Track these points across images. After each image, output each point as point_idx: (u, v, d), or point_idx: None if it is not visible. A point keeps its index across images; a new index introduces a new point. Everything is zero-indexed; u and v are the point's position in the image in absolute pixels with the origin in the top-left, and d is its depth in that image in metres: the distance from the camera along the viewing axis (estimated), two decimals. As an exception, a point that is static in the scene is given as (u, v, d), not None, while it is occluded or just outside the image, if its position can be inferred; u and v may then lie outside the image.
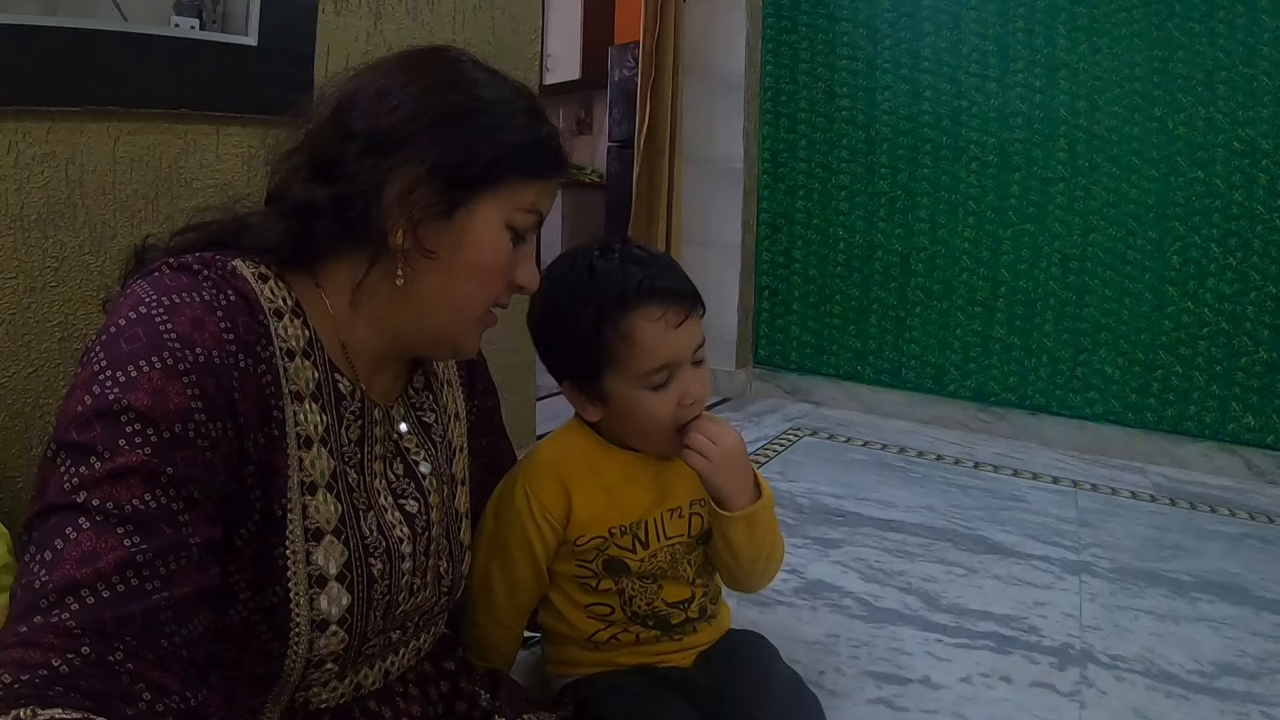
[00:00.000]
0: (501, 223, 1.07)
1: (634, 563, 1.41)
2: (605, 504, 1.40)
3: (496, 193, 1.06)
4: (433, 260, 1.04)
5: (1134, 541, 2.73)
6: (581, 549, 1.40)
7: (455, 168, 1.02)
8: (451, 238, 1.04)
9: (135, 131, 1.51)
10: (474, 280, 1.08)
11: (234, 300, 0.96)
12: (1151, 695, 1.86)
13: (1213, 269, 3.41)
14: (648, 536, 1.41)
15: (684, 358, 1.33)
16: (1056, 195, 3.65)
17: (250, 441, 0.95)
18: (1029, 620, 2.17)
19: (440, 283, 1.06)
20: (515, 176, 1.06)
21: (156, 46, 1.52)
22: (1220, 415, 3.48)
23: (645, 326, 1.31)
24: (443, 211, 1.03)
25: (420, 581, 1.18)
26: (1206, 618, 2.23)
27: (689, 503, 1.45)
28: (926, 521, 2.82)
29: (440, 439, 1.26)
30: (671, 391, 1.33)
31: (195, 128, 1.57)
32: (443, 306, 1.08)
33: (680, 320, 1.32)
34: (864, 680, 1.87)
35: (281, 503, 0.99)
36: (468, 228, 1.05)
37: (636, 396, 1.34)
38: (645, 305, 1.31)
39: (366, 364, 1.12)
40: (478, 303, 1.10)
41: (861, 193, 4.07)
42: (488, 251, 1.07)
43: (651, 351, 1.31)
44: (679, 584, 1.46)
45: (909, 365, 4.09)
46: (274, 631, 1.00)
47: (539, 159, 1.09)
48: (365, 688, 1.16)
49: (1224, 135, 3.33)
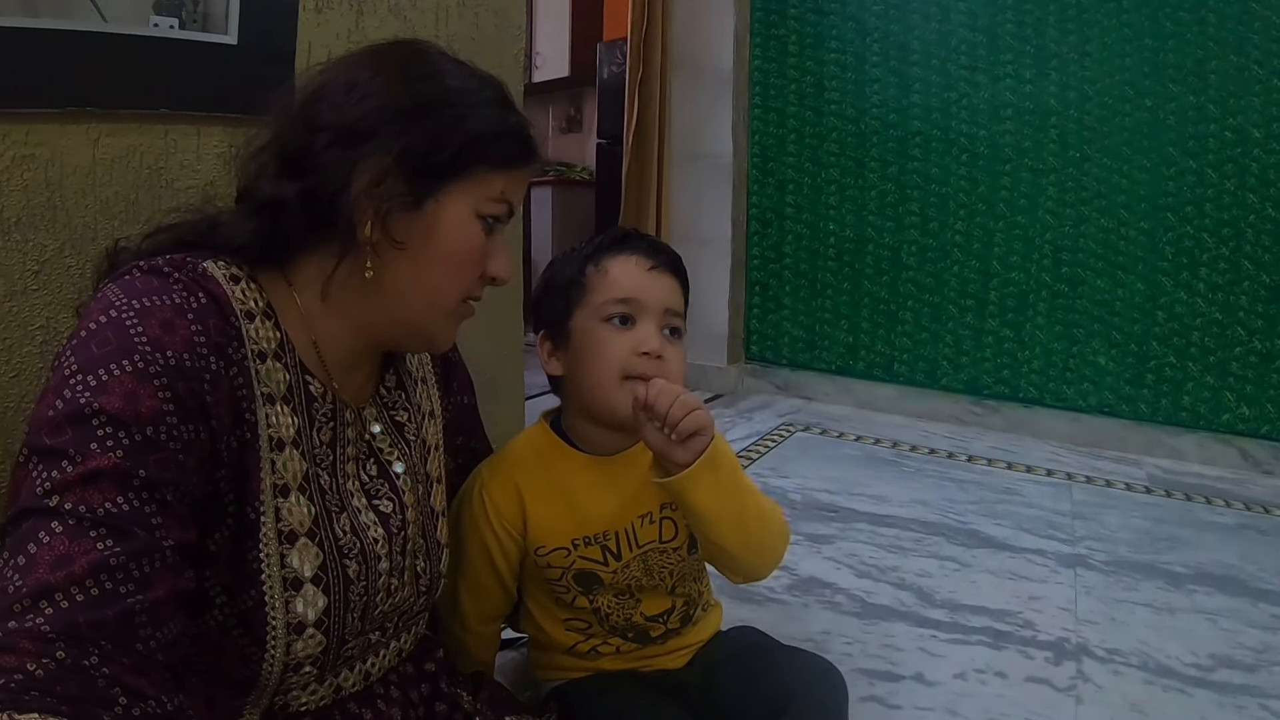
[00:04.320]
0: (471, 212, 1.07)
1: (606, 575, 1.38)
2: (564, 512, 1.37)
3: (465, 182, 1.05)
4: (402, 251, 1.03)
5: (1129, 534, 2.71)
6: (545, 561, 1.37)
7: (423, 157, 1.01)
8: (421, 228, 1.04)
9: (115, 133, 1.48)
10: (444, 271, 1.07)
11: (205, 303, 0.95)
12: (1149, 689, 1.85)
13: (1205, 259, 3.41)
14: (619, 547, 1.37)
15: (650, 304, 1.31)
16: (1048, 187, 3.64)
17: (223, 444, 0.94)
18: (1024, 615, 2.15)
19: (410, 274, 1.05)
20: (484, 166, 1.06)
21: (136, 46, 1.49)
22: (1214, 405, 3.47)
23: (619, 261, 1.34)
24: (411, 202, 1.02)
25: (398, 582, 1.16)
26: (1203, 609, 2.21)
27: (660, 506, 1.39)
28: (920, 516, 2.80)
29: (414, 438, 1.24)
30: (629, 335, 1.30)
31: (176, 128, 1.55)
32: (414, 298, 1.07)
33: (651, 264, 1.33)
34: (857, 678, 1.85)
35: (254, 505, 0.98)
36: (437, 218, 1.04)
37: (595, 331, 1.32)
38: (624, 248, 1.35)
39: (339, 364, 1.11)
40: (449, 294, 1.09)
41: (851, 186, 4.06)
42: (457, 241, 1.07)
43: (617, 282, 1.32)
44: (657, 595, 1.42)
45: (901, 359, 4.08)
46: (250, 636, 0.99)
47: (508, 148, 1.08)
48: (346, 689, 1.14)
49: (1215, 125, 3.32)
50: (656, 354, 1.29)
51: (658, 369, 1.29)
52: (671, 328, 1.34)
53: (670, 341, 1.33)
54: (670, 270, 1.35)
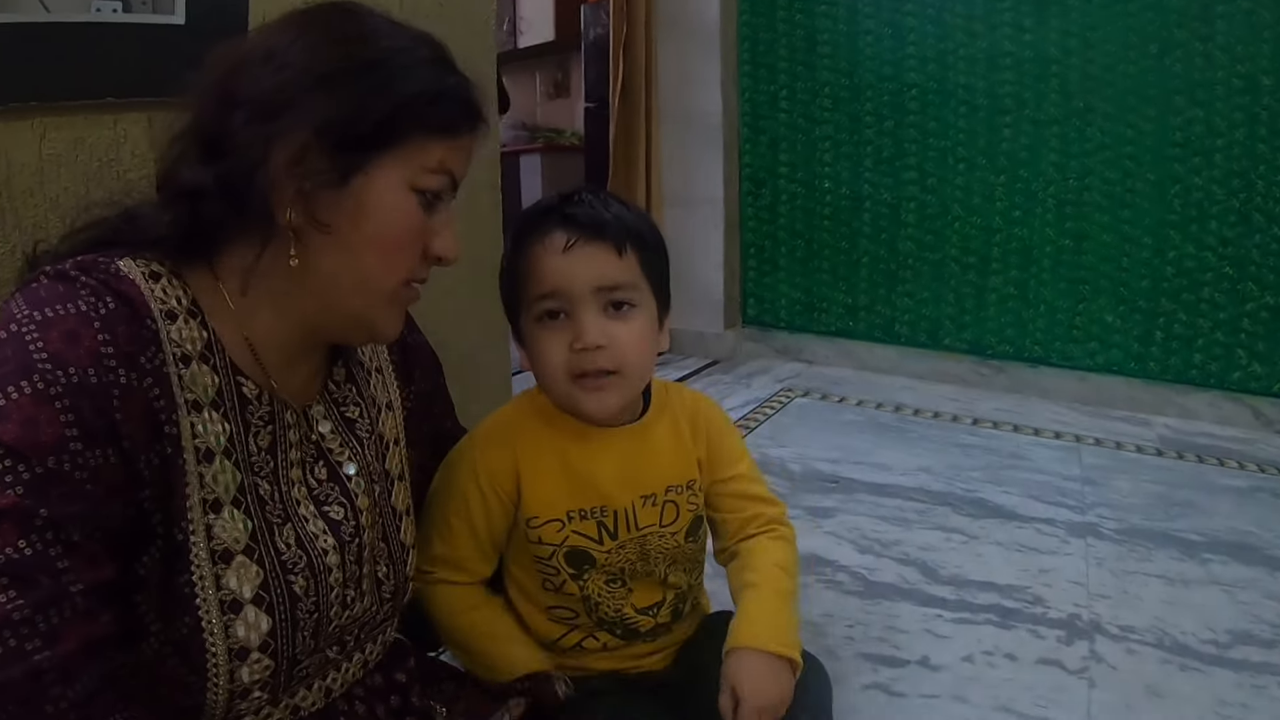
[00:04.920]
0: (405, 187, 0.96)
1: (600, 555, 1.29)
2: (562, 481, 1.28)
3: (397, 153, 0.95)
4: (329, 235, 0.94)
5: (1141, 499, 2.64)
6: (536, 535, 1.27)
7: (345, 127, 0.91)
8: (348, 207, 0.93)
9: (61, 126, 1.43)
10: (378, 253, 0.97)
11: (114, 308, 0.86)
12: (1164, 669, 1.78)
13: (1215, 211, 3.33)
14: (616, 526, 1.29)
15: (576, 290, 1.19)
16: (1050, 138, 3.57)
17: (142, 463, 0.86)
18: (1033, 590, 2.09)
19: (340, 259, 0.96)
20: (418, 133, 0.95)
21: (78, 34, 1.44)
22: (1226, 363, 3.40)
23: (534, 250, 1.21)
24: (336, 179, 0.92)
25: (355, 592, 1.08)
26: (1219, 580, 2.14)
27: (664, 489, 1.31)
28: (924, 485, 2.74)
29: (367, 434, 1.15)
30: (565, 330, 1.20)
31: (125, 116, 1.51)
32: (347, 285, 0.97)
33: (565, 244, 1.19)
34: (859, 664, 1.79)
35: (181, 525, 0.90)
36: (365, 195, 0.94)
37: (532, 333, 1.23)
38: (537, 230, 1.22)
39: (277, 361, 1.02)
40: (386, 278, 0.99)
41: (847, 143, 3.99)
42: (390, 220, 0.96)
43: (535, 276, 1.21)
44: (649, 584, 1.34)
45: (902, 320, 4.02)
46: (188, 665, 0.91)
47: (444, 113, 0.97)
48: (305, 709, 1.06)
49: (1223, 71, 3.23)
50: (595, 345, 1.19)
51: (604, 358, 1.20)
52: (615, 302, 1.22)
53: (616, 317, 1.21)
54: (597, 236, 1.21)
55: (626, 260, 1.21)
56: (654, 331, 1.27)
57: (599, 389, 1.21)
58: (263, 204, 0.90)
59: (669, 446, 1.32)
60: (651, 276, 1.25)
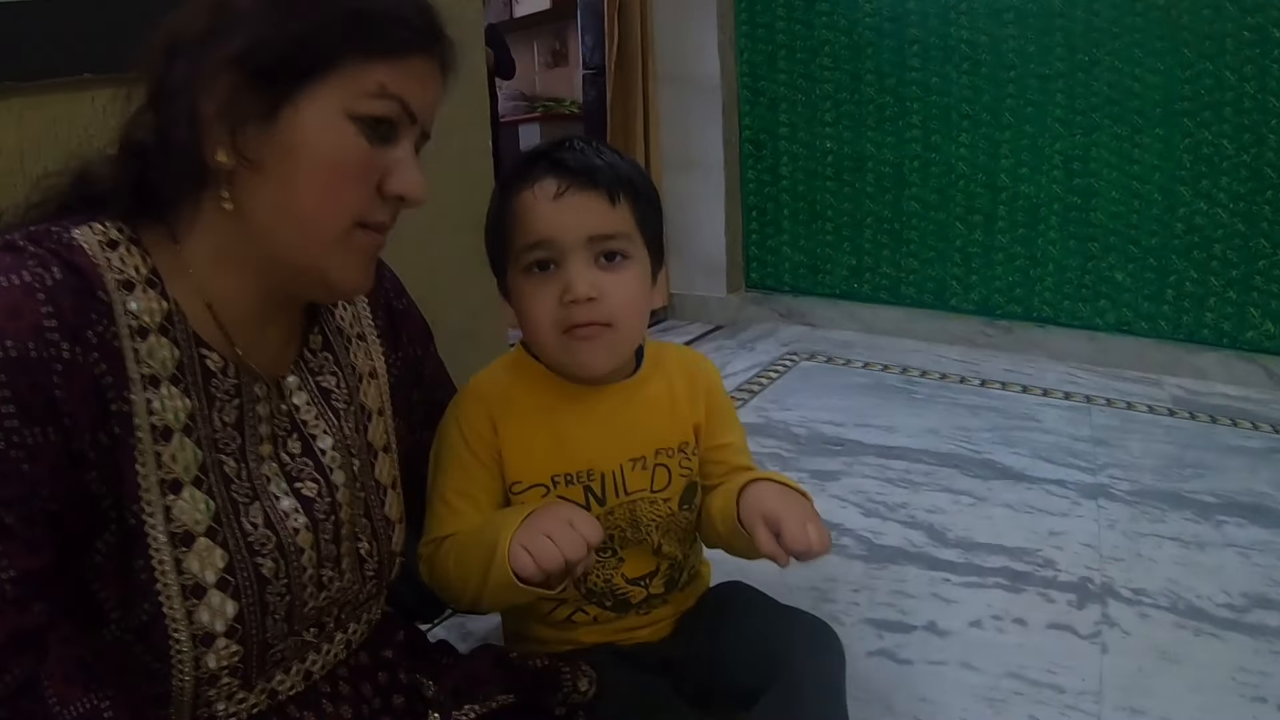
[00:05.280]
0: (340, 114, 0.88)
1: None
2: (544, 443, 1.23)
3: (330, 80, 0.87)
4: (260, 173, 0.88)
5: (1153, 460, 2.59)
6: (520, 500, 1.23)
7: (267, 54, 0.85)
8: (279, 142, 0.87)
9: (37, 106, 1.43)
10: (314, 188, 0.89)
11: (61, 278, 0.82)
12: (1178, 634, 1.73)
13: (1225, 166, 3.25)
14: (604, 491, 1.24)
15: (567, 240, 1.14)
16: (1056, 94, 3.49)
17: (86, 443, 0.82)
18: (1044, 552, 2.04)
19: (275, 199, 0.89)
20: (352, 56, 0.88)
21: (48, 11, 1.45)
22: (1238, 322, 3.34)
23: (523, 197, 1.16)
24: (264, 112, 0.86)
25: (333, 572, 1.04)
26: (1234, 543, 2.09)
27: (654, 451, 1.27)
28: (931, 447, 2.69)
29: (345, 405, 1.10)
30: (555, 282, 1.15)
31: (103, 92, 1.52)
32: (287, 229, 0.90)
33: (556, 191, 1.14)
34: (864, 630, 1.75)
35: (134, 509, 0.86)
36: (295, 125, 0.87)
37: (519, 286, 1.18)
38: (527, 178, 1.17)
39: (242, 328, 0.97)
40: (327, 218, 0.91)
41: (848, 101, 3.93)
42: (324, 151, 0.88)
43: (523, 225, 1.16)
44: (641, 554, 1.29)
45: (908, 280, 3.97)
46: (151, 652, 0.89)
47: (381, 29, 0.89)
48: (283, 693, 1.02)
49: (1233, 23, 3.14)
50: (586, 298, 1.14)
51: (596, 312, 1.15)
52: (607, 252, 1.17)
53: (609, 269, 1.17)
54: (589, 184, 1.16)
55: (619, 210, 1.16)
56: (647, 285, 1.22)
57: (589, 340, 1.16)
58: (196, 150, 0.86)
59: (662, 407, 1.28)
60: (645, 228, 1.20)
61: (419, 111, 0.94)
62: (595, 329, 1.15)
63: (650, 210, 1.21)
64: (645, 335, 1.29)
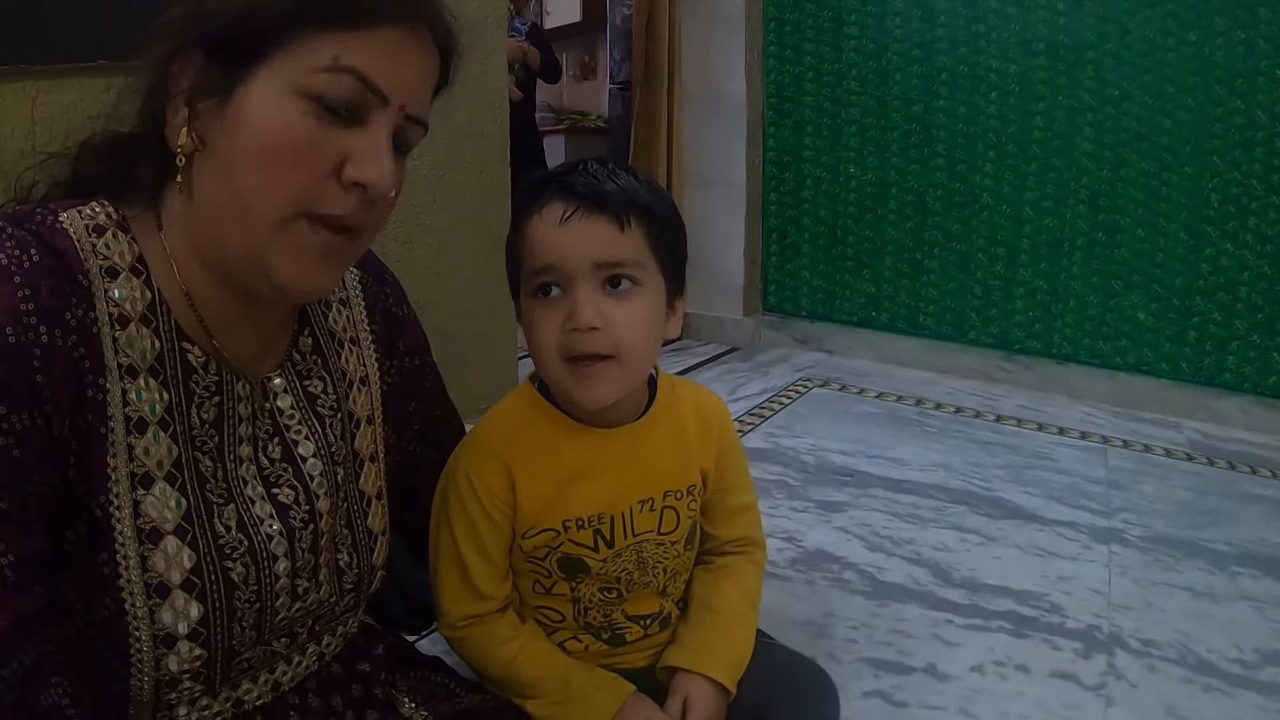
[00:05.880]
0: (286, 89, 0.83)
1: (595, 563, 1.21)
2: (556, 492, 1.20)
3: (281, 56, 0.83)
4: (208, 155, 0.84)
5: (1168, 505, 2.55)
6: (530, 545, 1.20)
7: (221, 32, 0.82)
8: (227, 121, 0.83)
9: (53, 89, 1.46)
10: (251, 167, 0.83)
11: (40, 261, 0.80)
12: (1187, 689, 1.69)
13: (1254, 207, 3.22)
14: (612, 533, 1.21)
15: (572, 266, 1.10)
16: (1084, 127, 3.47)
17: (65, 428, 0.80)
18: (1051, 597, 1.99)
19: (217, 179, 0.85)
20: (302, 30, 0.82)
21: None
22: (1261, 367, 3.30)
23: (531, 221, 1.13)
24: (220, 91, 0.83)
25: (309, 583, 1.01)
26: (1249, 596, 2.04)
27: (663, 494, 1.24)
28: (942, 482, 2.65)
29: (331, 411, 1.07)
30: (559, 308, 1.12)
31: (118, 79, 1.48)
32: (226, 211, 0.85)
33: (562, 215, 1.11)
34: (860, 669, 1.71)
35: (100, 500, 0.83)
36: (242, 103, 0.83)
37: (528, 310, 1.15)
38: (536, 201, 1.14)
39: (220, 322, 0.93)
40: (265, 199, 0.84)
41: (873, 127, 3.92)
42: (265, 128, 0.83)
43: (530, 249, 1.13)
44: (646, 594, 1.27)
45: (926, 311, 3.95)
46: (111, 649, 0.86)
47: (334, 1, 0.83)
48: (249, 703, 1.00)
49: (1266, 61, 3.12)
50: (588, 326, 1.10)
51: (599, 341, 1.10)
52: (612, 279, 1.12)
53: (616, 297, 1.12)
54: (597, 208, 1.12)
55: (630, 235, 1.12)
56: (659, 315, 1.18)
57: (592, 376, 1.12)
58: (159, 130, 0.85)
59: (671, 448, 1.25)
60: (660, 254, 1.15)
61: (390, 90, 0.86)
62: (597, 364, 1.11)
63: (667, 235, 1.17)
64: (658, 365, 1.26)
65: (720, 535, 1.34)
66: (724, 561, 1.34)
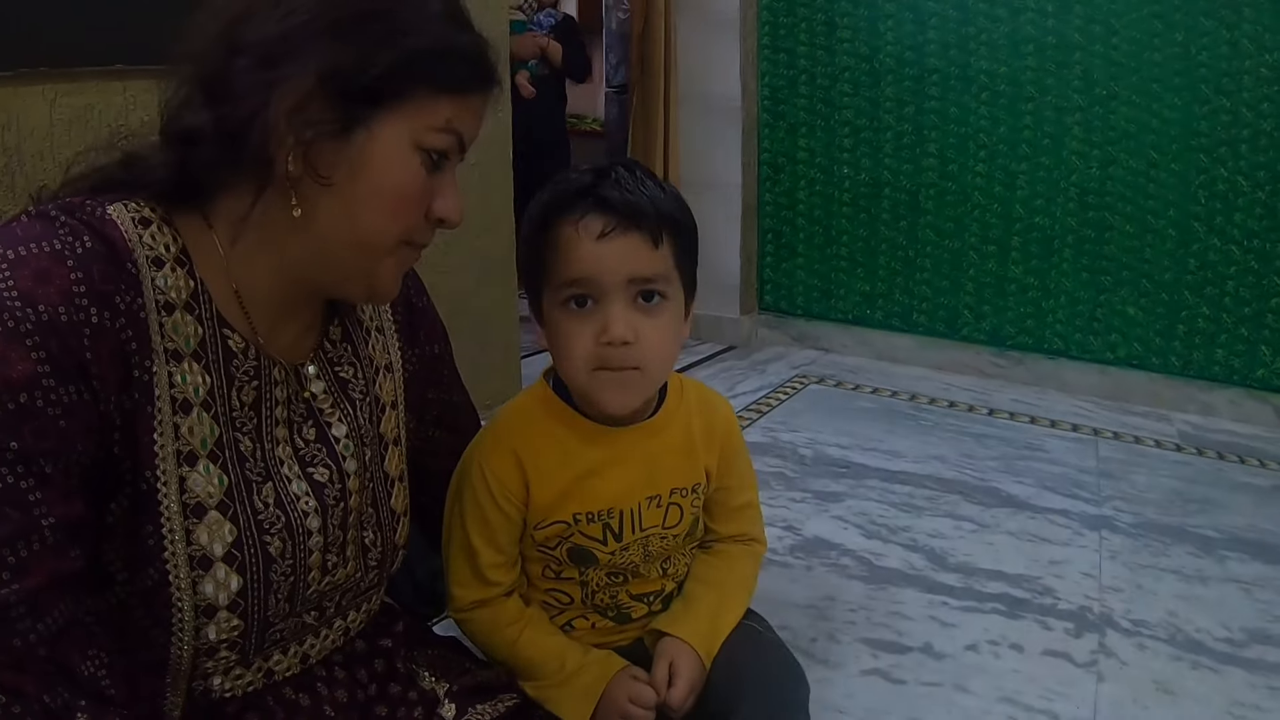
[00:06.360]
0: (409, 144, 0.93)
1: (603, 555, 1.26)
2: (569, 484, 1.24)
3: (402, 108, 0.91)
4: (328, 187, 0.91)
5: (1158, 494, 2.59)
6: (540, 536, 1.25)
7: (350, 77, 0.88)
8: (349, 161, 0.90)
9: (71, 92, 1.48)
10: (378, 210, 0.94)
11: (91, 247, 0.85)
12: (1176, 666, 1.73)
13: (1241, 203, 3.26)
14: (621, 528, 1.26)
15: (608, 280, 1.14)
16: (1073, 126, 3.50)
17: (112, 405, 0.85)
18: (1044, 580, 2.04)
19: (338, 213, 0.92)
20: (425, 90, 0.92)
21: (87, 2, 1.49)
22: (1249, 359, 3.33)
23: (565, 232, 1.15)
24: (338, 130, 0.89)
25: (338, 558, 1.06)
26: (1236, 578, 2.09)
27: (669, 491, 1.28)
28: (936, 473, 2.69)
29: (361, 395, 1.13)
30: (592, 320, 1.15)
31: (135, 83, 1.56)
32: (343, 241, 0.94)
33: (601, 231, 1.13)
34: (859, 649, 1.76)
35: (147, 475, 0.88)
36: (368, 149, 0.91)
37: (556, 318, 1.18)
38: (573, 211, 1.15)
39: (266, 314, 0.99)
40: (383, 237, 0.96)
41: (866, 128, 3.93)
42: (393, 178, 0.93)
43: (566, 261, 1.15)
44: (649, 577, 1.32)
45: (920, 308, 3.97)
46: (152, 618, 0.90)
47: (454, 69, 0.94)
48: (279, 674, 1.05)
49: (1250, 60, 3.16)
50: (622, 341, 1.13)
51: (629, 355, 1.14)
52: (644, 293, 1.16)
53: (646, 311, 1.16)
54: (635, 225, 1.14)
55: (661, 250, 1.16)
56: (680, 325, 1.23)
57: (621, 385, 1.17)
58: (261, 151, 0.88)
59: (678, 447, 1.29)
60: (683, 265, 1.20)
61: (469, 144, 0.99)
62: (625, 375, 1.16)
63: (689, 246, 1.21)
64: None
65: (721, 531, 1.38)
66: (723, 547, 1.39)
